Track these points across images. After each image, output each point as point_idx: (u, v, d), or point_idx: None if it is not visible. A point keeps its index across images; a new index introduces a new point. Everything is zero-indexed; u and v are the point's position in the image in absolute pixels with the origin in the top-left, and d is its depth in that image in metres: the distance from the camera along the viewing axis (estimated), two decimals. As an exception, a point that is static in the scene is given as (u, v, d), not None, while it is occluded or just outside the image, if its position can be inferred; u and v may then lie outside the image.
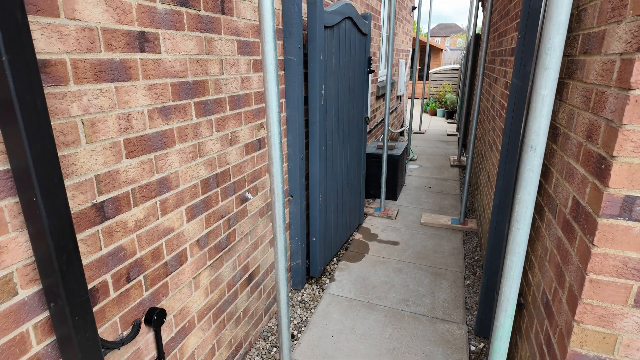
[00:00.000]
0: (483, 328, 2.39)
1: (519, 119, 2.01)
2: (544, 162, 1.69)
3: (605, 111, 1.06)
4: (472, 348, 2.34)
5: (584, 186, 1.17)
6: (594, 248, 1.07)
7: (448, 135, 9.02)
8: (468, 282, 3.03)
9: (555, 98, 1.58)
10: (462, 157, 6.51)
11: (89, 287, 1.17)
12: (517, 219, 1.15)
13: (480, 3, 6.26)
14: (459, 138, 6.71)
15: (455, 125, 10.29)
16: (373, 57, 4.85)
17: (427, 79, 14.04)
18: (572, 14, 1.46)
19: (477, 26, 7.94)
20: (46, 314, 1.03)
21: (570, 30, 1.47)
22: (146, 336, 1.43)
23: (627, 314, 1.08)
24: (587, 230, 1.11)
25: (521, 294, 1.84)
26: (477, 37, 6.27)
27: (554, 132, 1.57)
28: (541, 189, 1.69)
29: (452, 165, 6.29)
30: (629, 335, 1.09)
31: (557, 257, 1.36)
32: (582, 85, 1.27)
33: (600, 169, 1.06)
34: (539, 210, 1.69)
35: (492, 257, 2.26)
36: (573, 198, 1.25)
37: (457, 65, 12.73)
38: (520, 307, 1.83)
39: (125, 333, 1.33)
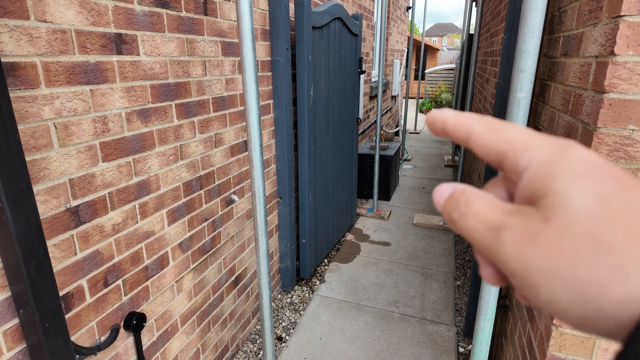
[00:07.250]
0: (471, 329, 2.39)
1: (505, 121, 2.00)
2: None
3: (582, 114, 1.06)
4: (461, 350, 2.34)
5: (563, 189, 1.16)
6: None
7: (443, 135, 9.01)
8: (458, 283, 3.03)
9: (539, 100, 1.58)
10: (455, 157, 6.51)
11: (63, 292, 1.16)
12: (496, 222, 1.14)
13: (474, 3, 6.26)
14: (453, 138, 6.69)
15: (450, 125, 10.26)
16: (366, 58, 4.84)
17: (422, 79, 14.04)
18: (554, 15, 1.45)
19: (472, 26, 7.92)
20: (16, 320, 1.02)
21: (552, 31, 1.46)
22: (125, 341, 1.42)
23: (605, 318, 1.07)
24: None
25: (506, 295, 1.84)
26: (470, 37, 6.26)
27: (537, 134, 1.56)
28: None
29: (446, 165, 6.29)
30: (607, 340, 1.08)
31: (539, 260, 1.35)
32: (562, 87, 1.27)
33: (577, 172, 1.05)
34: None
35: (480, 259, 2.26)
36: (553, 201, 1.24)
37: (452, 65, 12.73)
38: (505, 309, 1.82)
39: (103, 338, 1.32)
